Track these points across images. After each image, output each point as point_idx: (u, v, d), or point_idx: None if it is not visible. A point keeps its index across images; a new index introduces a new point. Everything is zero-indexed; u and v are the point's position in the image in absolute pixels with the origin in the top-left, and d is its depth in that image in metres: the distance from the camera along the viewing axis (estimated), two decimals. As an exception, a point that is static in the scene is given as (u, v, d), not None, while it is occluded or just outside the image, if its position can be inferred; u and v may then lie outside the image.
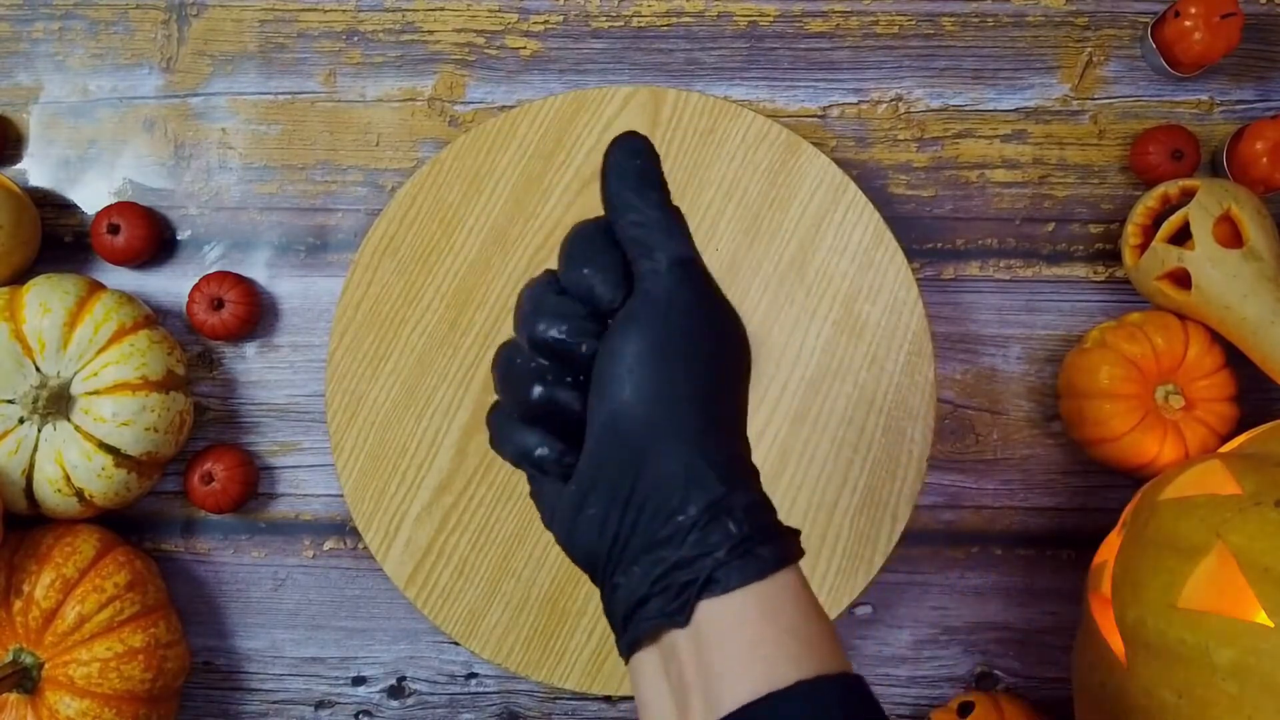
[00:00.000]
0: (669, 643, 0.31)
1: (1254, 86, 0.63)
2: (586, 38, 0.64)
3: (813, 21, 0.64)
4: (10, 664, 0.54)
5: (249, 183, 0.64)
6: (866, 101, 0.64)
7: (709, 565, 0.30)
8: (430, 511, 0.58)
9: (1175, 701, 0.43)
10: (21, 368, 0.55)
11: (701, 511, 0.31)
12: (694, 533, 0.31)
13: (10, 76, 0.64)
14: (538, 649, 0.57)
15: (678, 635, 0.31)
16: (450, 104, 0.64)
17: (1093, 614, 0.52)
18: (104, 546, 0.57)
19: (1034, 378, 0.62)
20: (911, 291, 0.59)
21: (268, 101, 0.64)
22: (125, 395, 0.55)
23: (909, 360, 0.58)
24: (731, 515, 0.31)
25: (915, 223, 0.63)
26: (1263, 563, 0.42)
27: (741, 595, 0.30)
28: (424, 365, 0.59)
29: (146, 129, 0.64)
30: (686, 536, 0.31)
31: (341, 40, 0.64)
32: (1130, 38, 0.64)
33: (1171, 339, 0.57)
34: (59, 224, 0.64)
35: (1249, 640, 0.41)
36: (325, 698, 0.62)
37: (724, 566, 0.30)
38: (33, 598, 0.54)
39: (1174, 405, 0.57)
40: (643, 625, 0.31)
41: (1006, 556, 0.62)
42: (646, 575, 0.31)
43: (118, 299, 0.57)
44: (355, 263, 0.60)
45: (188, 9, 0.65)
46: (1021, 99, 0.63)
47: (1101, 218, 0.63)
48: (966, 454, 0.62)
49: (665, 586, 0.31)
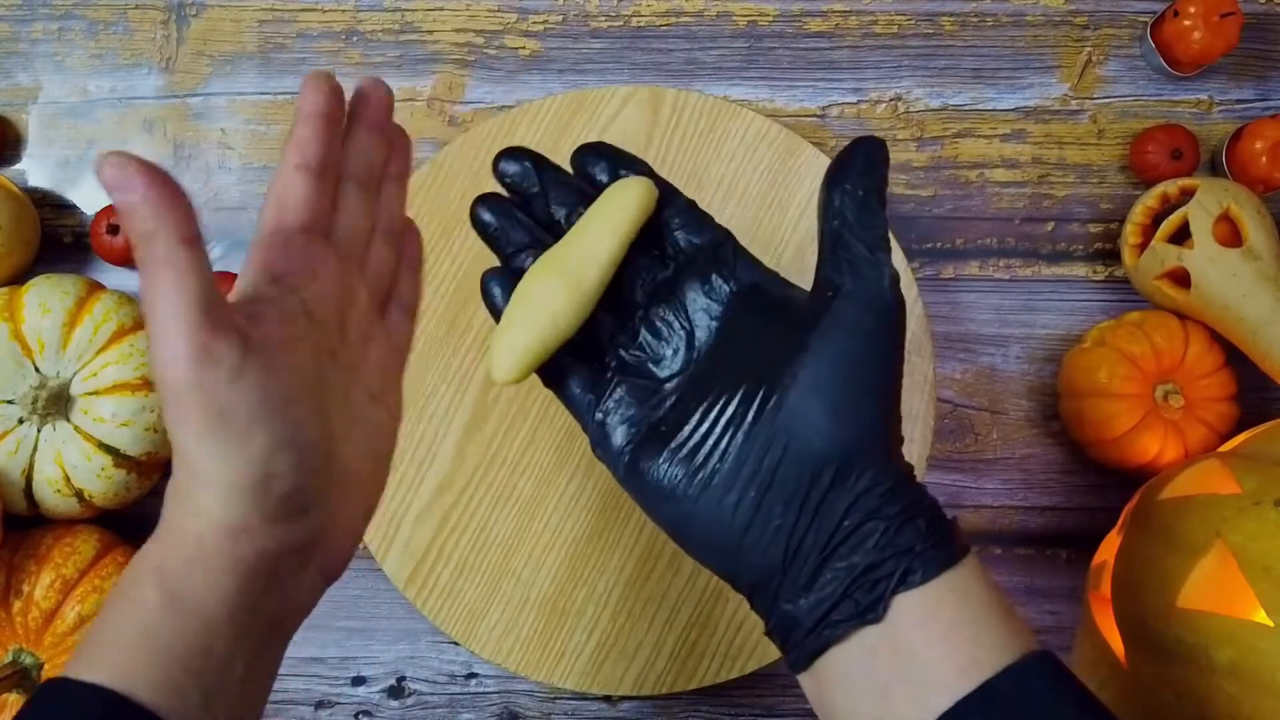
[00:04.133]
0: (861, 641, 0.32)
1: (1253, 86, 0.63)
2: (586, 37, 0.64)
3: (812, 21, 0.64)
4: (10, 664, 0.54)
5: (249, 183, 0.64)
6: (866, 101, 0.64)
7: (903, 562, 0.31)
8: (430, 512, 0.58)
9: (1175, 701, 0.43)
10: (21, 368, 0.55)
11: (895, 517, 0.32)
12: (885, 535, 0.31)
13: (10, 77, 0.64)
14: (538, 649, 0.57)
15: (871, 632, 0.31)
16: (450, 104, 0.64)
17: (1093, 614, 0.52)
18: (104, 547, 0.57)
19: (1034, 377, 0.62)
20: (911, 291, 0.59)
21: (267, 101, 0.64)
22: (125, 395, 0.55)
23: (908, 360, 0.58)
24: (920, 514, 0.32)
25: (914, 222, 0.63)
26: (1262, 562, 0.42)
27: (935, 585, 0.31)
28: (424, 365, 0.59)
29: (146, 129, 0.64)
30: (878, 540, 0.31)
31: (341, 40, 0.64)
32: (1129, 37, 0.64)
33: (1171, 338, 0.57)
34: (59, 224, 0.64)
35: (1248, 640, 0.41)
36: (325, 698, 0.62)
37: (919, 557, 0.31)
38: (32, 598, 0.54)
39: (1174, 405, 0.57)
40: (837, 628, 0.32)
41: (1006, 556, 0.62)
42: (840, 582, 0.32)
43: (117, 299, 0.57)
44: (355, 263, 0.60)
45: (187, 9, 0.65)
46: (1021, 98, 0.63)
47: (1101, 217, 0.63)
48: (966, 454, 0.62)
49: (859, 589, 0.31)
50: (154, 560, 0.30)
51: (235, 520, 0.29)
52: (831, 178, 0.35)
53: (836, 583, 0.32)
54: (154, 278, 0.28)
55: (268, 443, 0.29)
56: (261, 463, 0.29)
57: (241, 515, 0.29)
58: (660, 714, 0.60)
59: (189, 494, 0.30)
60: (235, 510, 0.29)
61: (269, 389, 0.29)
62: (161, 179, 0.27)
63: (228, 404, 0.28)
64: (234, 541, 0.30)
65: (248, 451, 0.28)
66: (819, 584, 0.32)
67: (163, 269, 0.27)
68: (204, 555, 0.30)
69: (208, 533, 0.30)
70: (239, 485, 0.29)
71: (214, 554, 0.30)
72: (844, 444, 0.32)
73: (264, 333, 0.30)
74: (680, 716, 0.60)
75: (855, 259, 0.34)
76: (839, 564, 0.32)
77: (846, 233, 0.34)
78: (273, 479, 0.29)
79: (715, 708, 0.60)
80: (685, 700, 0.60)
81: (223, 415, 0.28)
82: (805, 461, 0.32)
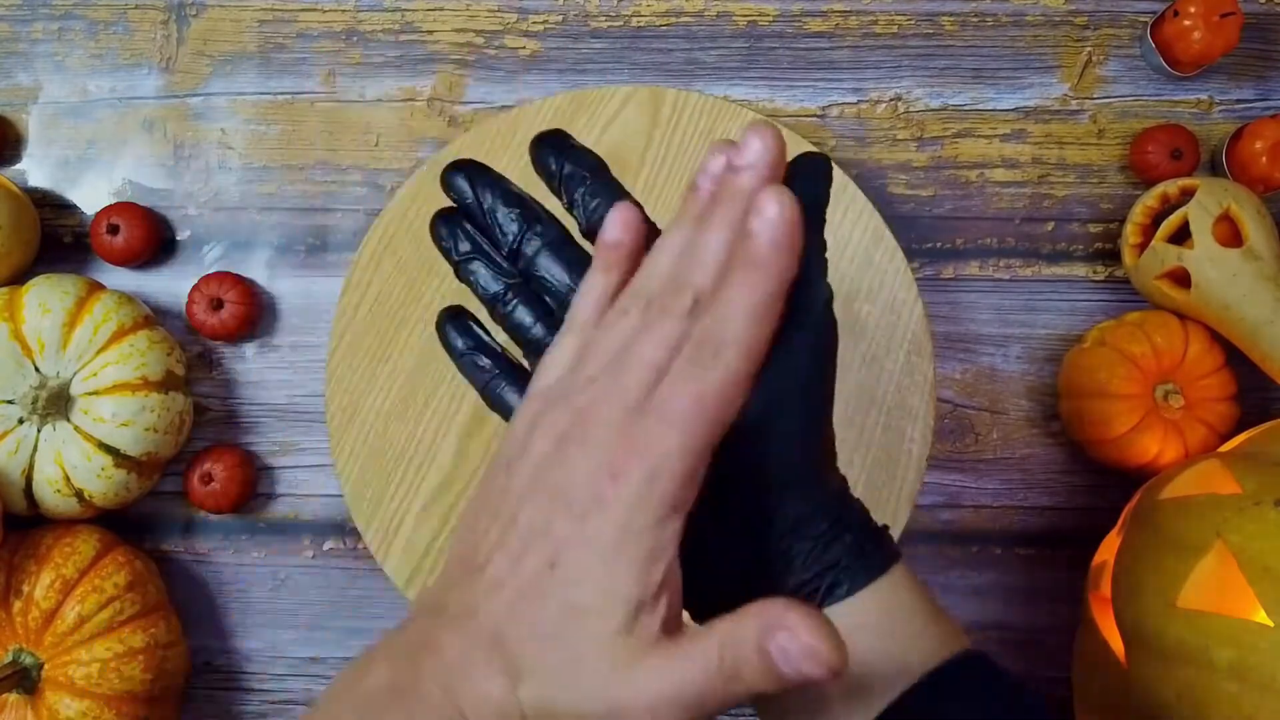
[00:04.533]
0: None
1: (1253, 85, 0.63)
2: (586, 37, 0.64)
3: (812, 21, 0.64)
4: (10, 664, 0.54)
5: (248, 183, 0.64)
6: (866, 101, 0.64)
7: (829, 577, 0.31)
8: (430, 511, 0.58)
9: (1175, 701, 0.43)
10: (21, 368, 0.55)
11: (822, 535, 0.32)
12: (813, 554, 0.31)
13: (10, 77, 0.64)
14: (538, 649, 0.57)
15: None
16: (450, 104, 0.64)
17: (1093, 614, 0.52)
18: (104, 547, 0.57)
19: (1034, 377, 0.62)
20: (911, 291, 0.59)
21: (267, 102, 0.64)
22: (125, 395, 0.55)
23: (908, 360, 0.58)
24: (848, 529, 0.32)
25: (915, 222, 0.63)
26: (1263, 562, 0.42)
27: (861, 596, 0.31)
28: (424, 365, 0.59)
29: (146, 129, 0.64)
30: (805, 559, 0.31)
31: (341, 40, 0.64)
32: (1130, 37, 0.64)
33: (1171, 338, 0.57)
34: (59, 224, 0.64)
35: (1249, 639, 0.41)
36: (325, 698, 0.62)
37: (845, 570, 0.31)
38: (32, 598, 0.54)
39: (1174, 405, 0.57)
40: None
41: (1006, 556, 0.62)
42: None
43: (117, 299, 0.57)
44: (355, 263, 0.60)
45: (187, 9, 0.65)
46: (1021, 98, 0.63)
47: (1101, 217, 0.63)
48: (966, 453, 0.62)
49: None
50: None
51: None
52: None
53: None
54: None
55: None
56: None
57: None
58: (660, 714, 0.60)
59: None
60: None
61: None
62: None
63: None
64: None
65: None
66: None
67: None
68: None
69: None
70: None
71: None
72: (774, 470, 0.32)
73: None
74: (680, 716, 0.60)
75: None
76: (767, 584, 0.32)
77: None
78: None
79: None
80: (685, 700, 0.60)
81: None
82: (742, 488, 0.32)
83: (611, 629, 0.27)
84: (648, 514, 0.27)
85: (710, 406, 0.28)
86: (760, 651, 0.26)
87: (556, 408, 0.30)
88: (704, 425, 0.28)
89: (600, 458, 0.28)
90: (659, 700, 0.26)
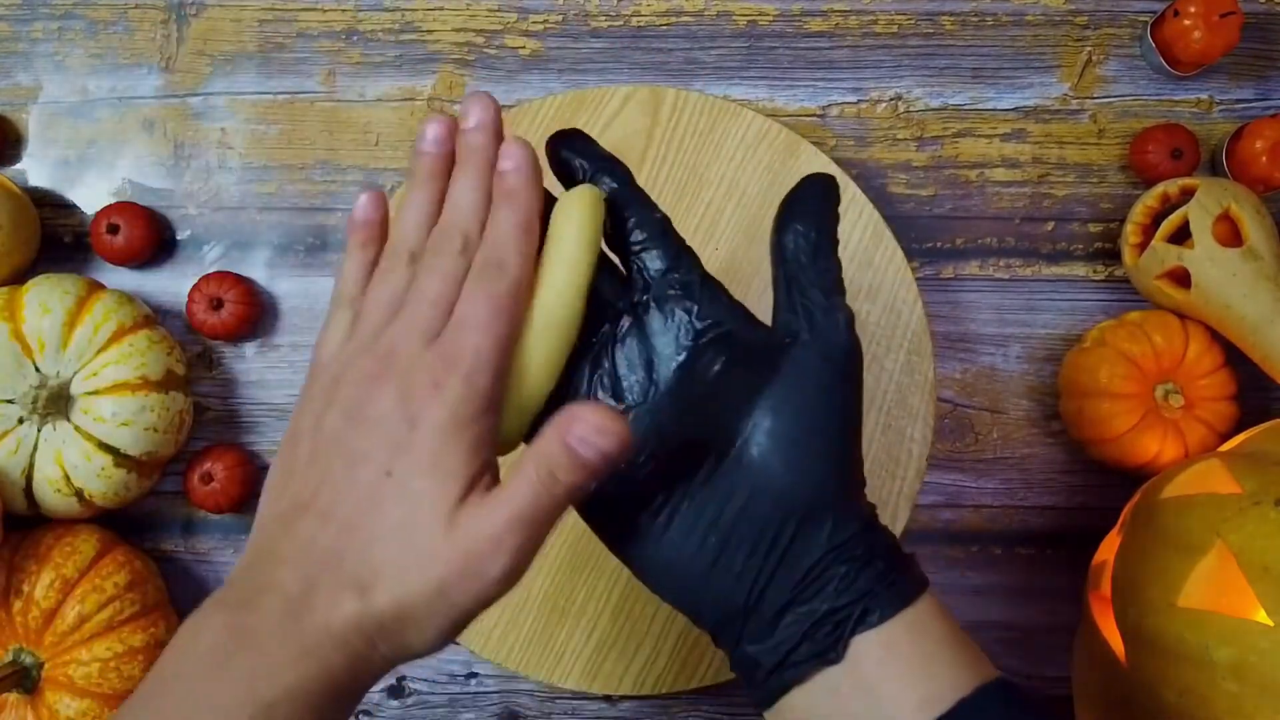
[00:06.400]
0: (824, 681, 0.32)
1: (1253, 85, 0.63)
2: (586, 37, 0.64)
3: (812, 21, 0.64)
4: (10, 664, 0.54)
5: (248, 183, 0.64)
6: (866, 101, 0.64)
7: (862, 604, 0.32)
8: (430, 511, 0.58)
9: (1175, 701, 0.43)
10: (21, 368, 0.55)
11: (855, 560, 0.32)
12: (846, 580, 0.32)
13: (10, 76, 0.64)
14: (538, 649, 0.57)
15: (833, 672, 0.32)
16: (450, 104, 0.64)
17: (1093, 613, 0.52)
18: (104, 546, 0.57)
19: (1034, 377, 0.62)
20: (911, 290, 0.59)
21: (267, 101, 0.64)
22: (125, 395, 0.55)
23: (908, 359, 0.58)
24: (879, 556, 0.32)
25: (914, 222, 0.63)
26: (1262, 561, 0.42)
27: (892, 624, 0.32)
28: (423, 365, 0.59)
29: (146, 129, 0.64)
30: (838, 585, 0.32)
31: (341, 40, 0.64)
32: (1130, 37, 0.64)
33: (1171, 338, 0.57)
34: (59, 224, 0.64)
35: (1249, 639, 0.41)
36: (325, 698, 0.62)
37: (877, 598, 0.32)
38: (32, 598, 0.54)
39: (1174, 404, 0.57)
40: (796, 670, 0.32)
41: (1006, 556, 0.62)
42: (801, 625, 0.32)
43: (117, 299, 0.57)
44: (355, 262, 0.60)
45: (187, 9, 0.65)
46: (1021, 98, 0.63)
47: (1101, 217, 0.63)
48: (966, 453, 0.62)
49: (819, 631, 0.32)
50: None
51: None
52: (782, 220, 0.35)
53: (797, 626, 0.32)
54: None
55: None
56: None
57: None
58: (660, 714, 0.60)
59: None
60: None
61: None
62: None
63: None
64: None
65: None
66: (780, 628, 0.32)
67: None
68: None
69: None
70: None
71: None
72: (806, 497, 0.32)
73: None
74: (680, 716, 0.60)
75: (811, 305, 0.34)
76: (801, 609, 0.32)
77: (801, 276, 0.34)
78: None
79: (715, 707, 0.60)
80: (685, 700, 0.60)
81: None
82: (767, 514, 0.32)
83: (449, 506, 0.30)
84: (472, 406, 0.31)
85: (505, 308, 0.32)
86: (564, 448, 0.29)
87: (355, 363, 0.33)
88: (504, 325, 0.32)
89: (417, 378, 0.31)
90: (496, 528, 0.29)
